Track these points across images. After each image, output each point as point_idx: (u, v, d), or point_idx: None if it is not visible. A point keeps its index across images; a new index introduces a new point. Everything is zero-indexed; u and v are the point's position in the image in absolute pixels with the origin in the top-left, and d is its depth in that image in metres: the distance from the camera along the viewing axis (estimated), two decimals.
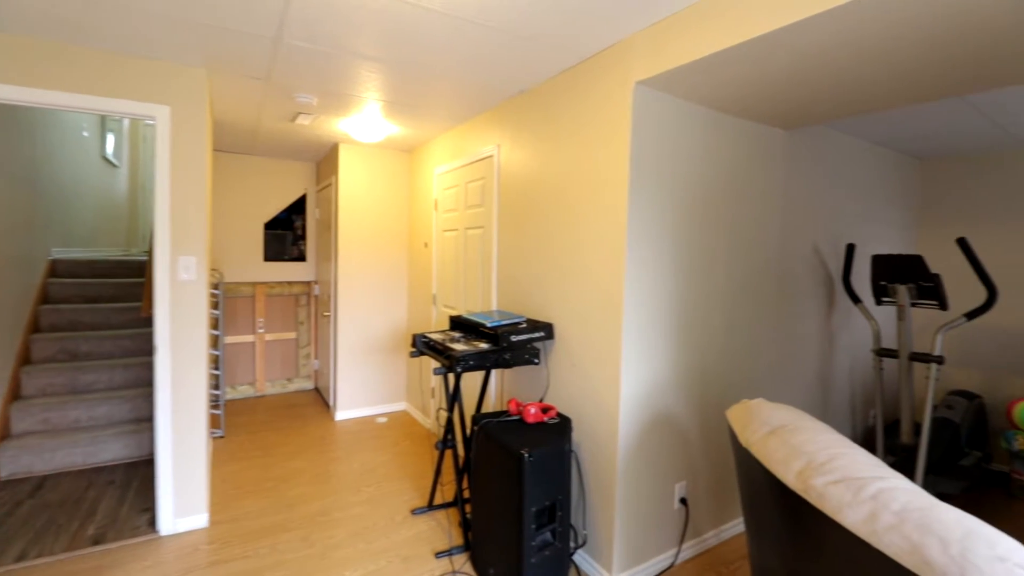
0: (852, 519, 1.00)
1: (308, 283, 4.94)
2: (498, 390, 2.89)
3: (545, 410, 2.18)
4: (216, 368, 3.99)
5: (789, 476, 1.19)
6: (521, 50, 2.16)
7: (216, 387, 3.98)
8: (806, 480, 1.14)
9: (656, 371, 2.16)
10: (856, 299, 3.02)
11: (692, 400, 2.32)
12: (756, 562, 1.45)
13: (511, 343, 2.28)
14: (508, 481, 1.94)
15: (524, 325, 2.37)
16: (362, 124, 3.40)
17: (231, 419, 4.08)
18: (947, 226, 3.70)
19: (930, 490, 2.75)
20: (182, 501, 2.51)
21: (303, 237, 4.88)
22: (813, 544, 1.12)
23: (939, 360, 2.70)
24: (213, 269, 4.41)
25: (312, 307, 4.95)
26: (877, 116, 2.80)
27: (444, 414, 2.85)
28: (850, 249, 3.03)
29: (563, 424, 2.13)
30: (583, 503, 2.23)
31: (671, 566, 2.26)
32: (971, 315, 2.70)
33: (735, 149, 2.42)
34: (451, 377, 2.90)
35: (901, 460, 2.82)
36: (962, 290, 3.61)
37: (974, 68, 1.77)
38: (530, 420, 2.12)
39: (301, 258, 4.87)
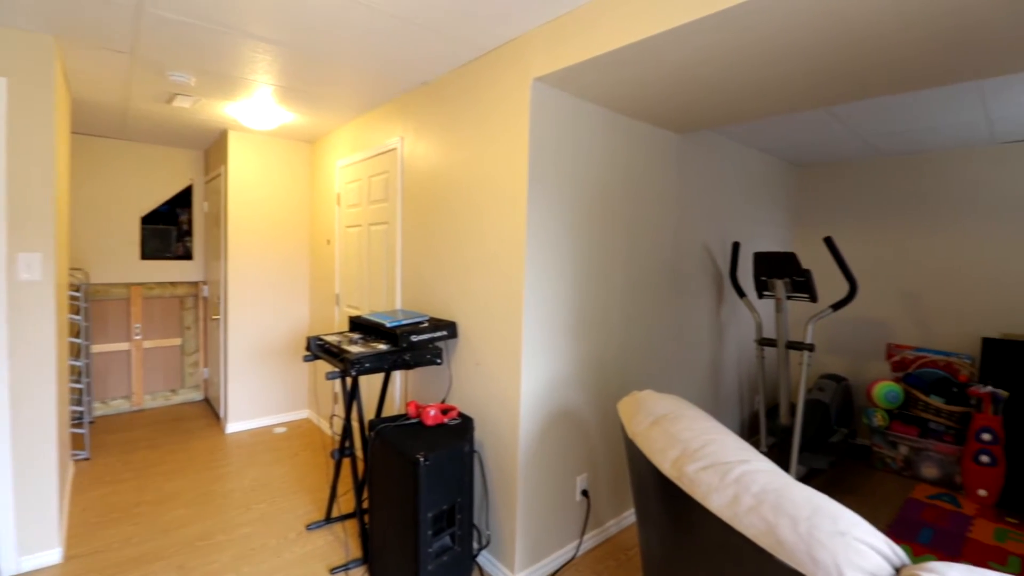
0: (717, 503, 1.04)
1: (195, 283, 4.50)
2: (402, 392, 2.79)
3: (446, 411, 2.12)
4: (79, 381, 3.51)
5: (666, 464, 1.22)
6: (419, 40, 2.08)
7: (79, 403, 3.50)
8: (680, 468, 1.17)
9: (557, 366, 2.18)
10: (741, 293, 3.25)
11: (592, 393, 2.37)
12: (644, 548, 1.49)
13: (412, 343, 2.19)
14: (405, 487, 1.86)
15: (426, 324, 2.30)
16: (253, 110, 3.13)
17: (101, 438, 3.61)
18: (818, 226, 4.11)
19: (804, 466, 3.03)
20: (28, 535, 2.16)
21: (189, 233, 4.44)
22: (687, 529, 1.16)
23: (810, 348, 2.98)
24: (74, 269, 3.88)
25: (201, 310, 4.51)
26: (758, 125, 3.03)
27: (339, 420, 2.68)
28: (736, 247, 3.26)
29: (464, 424, 2.08)
30: (487, 503, 2.20)
31: (573, 558, 2.30)
32: (836, 306, 3.01)
33: (632, 150, 2.50)
34: (349, 381, 2.75)
35: (780, 440, 3.08)
36: (831, 284, 4.03)
37: (842, 80, 1.95)
38: (430, 422, 2.05)
39: (187, 256, 4.43)
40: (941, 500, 2.99)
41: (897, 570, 0.84)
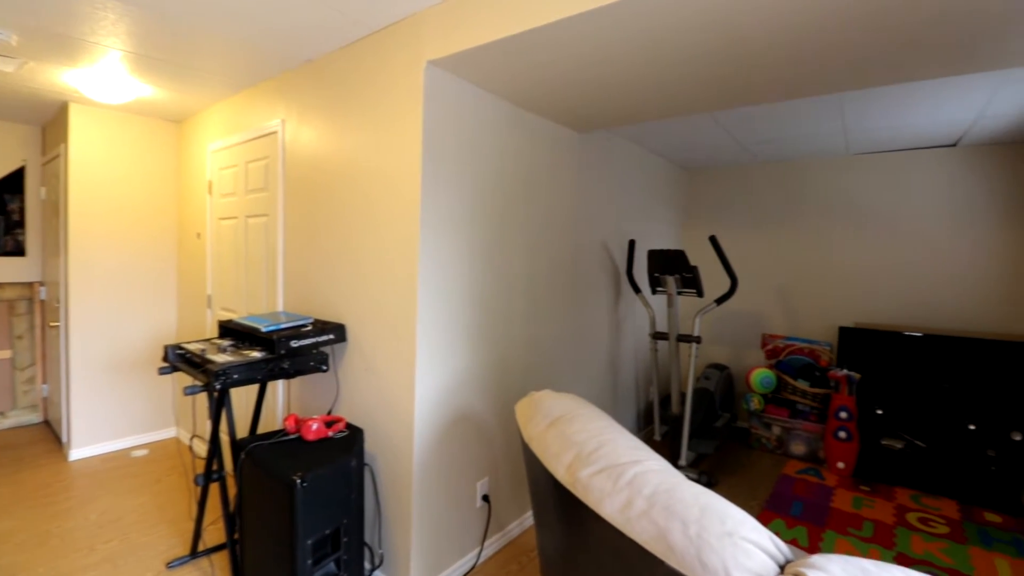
0: (610, 509, 1.00)
1: (30, 284, 3.78)
2: (284, 405, 2.52)
3: (331, 423, 1.92)
4: None
5: (561, 470, 1.16)
6: (300, 6, 1.86)
7: None
8: (574, 473, 1.12)
9: (456, 368, 2.07)
10: (637, 289, 3.37)
11: (494, 394, 2.29)
12: (541, 553, 1.43)
13: (292, 349, 1.96)
14: (280, 513, 1.64)
15: (310, 328, 2.07)
16: (99, 79, 2.66)
17: None
18: (704, 226, 4.39)
19: (694, 451, 3.20)
20: None
21: (21, 224, 3.72)
22: (582, 535, 1.11)
23: (698, 340, 3.14)
24: None
25: (37, 316, 3.80)
26: (653, 130, 3.13)
27: (203, 441, 2.34)
28: (632, 245, 3.36)
29: (352, 437, 1.90)
30: (379, 519, 2.04)
31: (474, 566, 2.21)
32: (720, 300, 3.20)
33: (533, 145, 2.45)
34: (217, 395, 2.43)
35: (672, 428, 3.22)
36: (715, 280, 4.32)
37: (726, 87, 2.03)
38: (311, 437, 1.84)
39: (18, 252, 3.70)
40: (808, 474, 3.31)
41: (782, 567, 0.84)
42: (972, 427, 3.00)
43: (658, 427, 3.39)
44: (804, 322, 3.93)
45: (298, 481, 1.58)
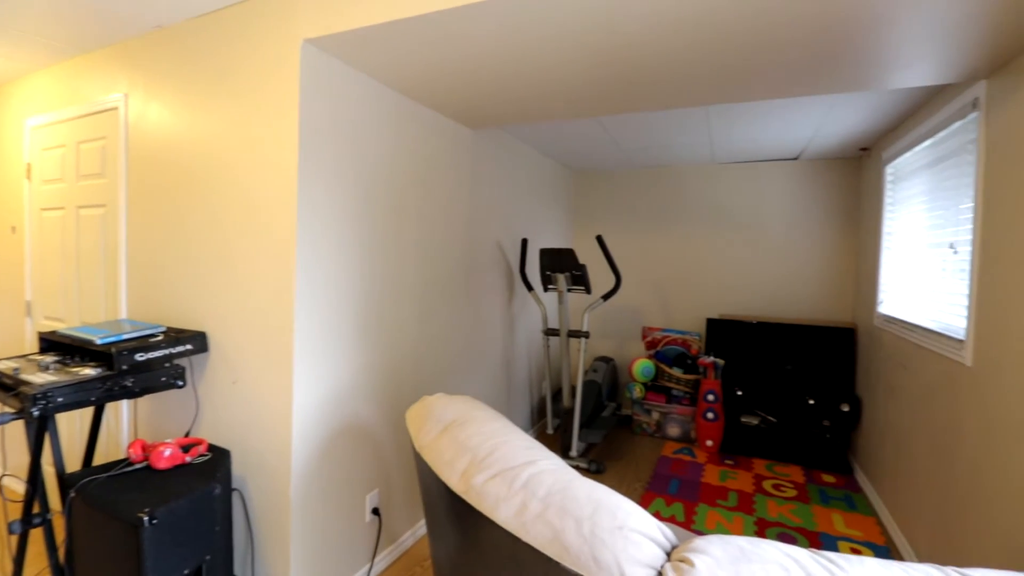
0: (505, 514, 0.96)
1: None
2: (130, 429, 2.16)
3: (188, 447, 1.68)
4: None
5: (454, 478, 1.11)
6: None
7: None
8: (469, 480, 1.07)
9: (340, 375, 1.92)
10: (530, 287, 3.42)
11: (384, 401, 2.17)
12: (435, 564, 1.36)
13: (136, 364, 1.67)
14: (124, 559, 1.39)
15: (161, 338, 1.79)
16: None
17: None
18: (591, 226, 4.60)
19: (584, 441, 3.33)
20: None
21: None
22: (477, 544, 1.07)
23: (586, 335, 3.27)
24: None
25: None
26: (544, 131, 3.19)
27: (20, 480, 1.90)
28: (524, 243, 3.40)
29: (216, 460, 1.67)
30: (252, 548, 1.82)
31: None
32: (606, 297, 3.37)
33: (426, 140, 2.36)
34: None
35: (564, 421, 3.32)
36: (602, 277, 4.55)
37: (612, 91, 2.11)
38: (163, 465, 1.58)
39: None
40: (683, 454, 3.61)
41: (669, 553, 0.86)
42: (811, 402, 3.47)
43: (551, 421, 3.47)
44: (678, 315, 4.28)
45: (145, 519, 1.35)
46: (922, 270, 2.51)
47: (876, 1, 1.35)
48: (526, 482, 1.00)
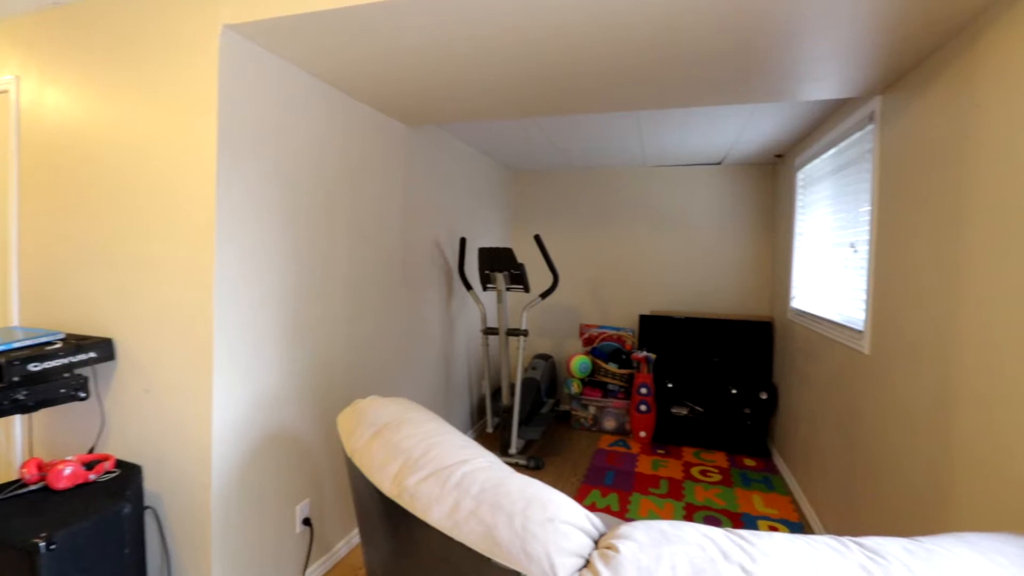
0: (438, 515, 0.96)
1: None
2: (24, 447, 1.94)
3: (92, 464, 1.54)
4: None
5: (387, 482, 1.09)
6: None
7: None
8: (401, 483, 1.05)
9: (266, 379, 1.83)
10: (468, 286, 3.41)
11: (315, 406, 2.09)
12: (369, 570, 1.33)
13: (30, 375, 1.51)
14: None
15: (59, 345, 1.63)
16: None
17: None
18: (530, 225, 4.65)
19: (523, 438, 3.37)
20: None
21: None
22: (411, 548, 1.05)
23: (525, 333, 3.31)
24: None
25: None
26: (482, 130, 3.19)
27: None
28: (463, 242, 3.39)
29: (125, 477, 1.54)
30: (168, 570, 1.70)
31: None
32: (544, 295, 3.42)
33: (358, 135, 2.29)
34: None
35: (503, 419, 3.34)
36: (541, 276, 4.61)
37: (544, 94, 2.14)
38: (63, 485, 1.44)
39: None
40: (618, 446, 3.74)
41: (596, 541, 0.89)
42: (734, 391, 3.70)
43: (490, 420, 3.49)
44: (613, 311, 4.42)
45: (42, 544, 1.22)
46: (828, 267, 2.74)
47: (787, 21, 1.46)
48: (459, 481, 1.00)
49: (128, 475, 1.55)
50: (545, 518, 0.88)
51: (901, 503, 1.77)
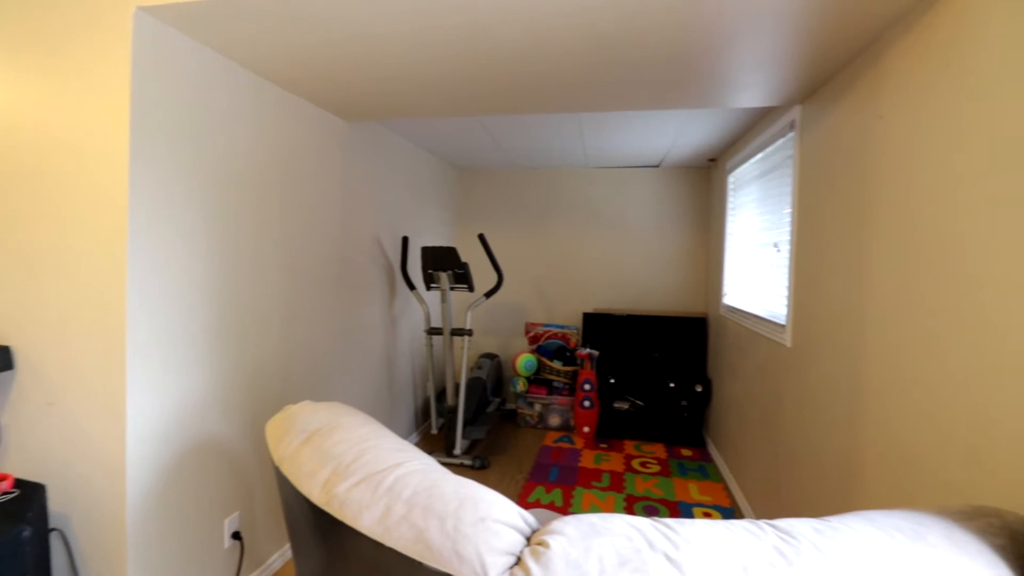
0: (368, 521, 0.93)
1: None
2: None
3: None
4: None
5: (315, 490, 1.05)
6: None
7: None
8: (331, 490, 1.02)
9: (189, 387, 1.72)
10: (411, 286, 3.35)
11: (243, 413, 1.99)
12: None
13: None
14: None
15: None
16: None
17: None
18: (475, 224, 4.64)
19: (468, 438, 3.35)
20: None
21: None
22: (341, 557, 1.02)
23: (470, 332, 3.29)
24: None
25: None
26: (425, 127, 3.13)
27: None
28: (405, 241, 3.33)
29: (25, 498, 1.41)
30: None
31: None
32: (488, 294, 3.42)
33: (292, 130, 2.20)
34: None
35: (448, 419, 3.32)
36: (486, 275, 4.61)
37: (490, 93, 2.13)
38: None
39: None
40: (563, 442, 3.80)
41: (529, 538, 0.90)
42: (672, 385, 3.85)
43: (435, 421, 3.45)
44: (558, 310, 4.49)
45: None
46: (755, 266, 2.91)
47: (714, 33, 1.53)
48: (391, 485, 0.98)
49: (29, 495, 1.41)
50: (477, 518, 0.88)
51: (818, 485, 1.90)
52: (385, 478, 1.00)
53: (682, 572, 0.77)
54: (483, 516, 0.88)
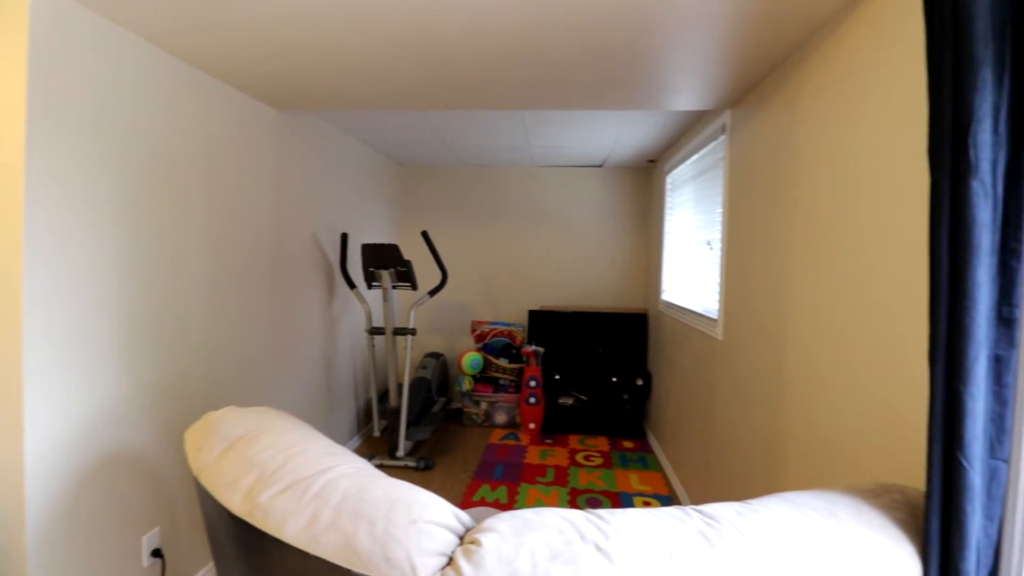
0: (294, 530, 0.89)
1: None
2: None
3: None
4: None
5: (236, 500, 0.99)
6: None
7: None
8: (253, 499, 0.96)
9: (100, 395, 1.58)
10: (352, 284, 3.25)
11: (163, 422, 1.85)
12: None
13: None
14: None
15: None
16: None
17: None
18: (419, 221, 4.56)
19: (411, 440, 3.29)
20: None
21: None
22: (265, 570, 0.97)
23: (413, 332, 3.24)
24: None
25: None
26: (365, 120, 3.03)
27: None
28: (344, 238, 3.22)
29: None
30: None
31: None
32: (432, 292, 3.37)
33: (217, 118, 2.07)
34: None
35: (391, 421, 3.24)
36: (431, 273, 4.54)
37: (430, 86, 2.08)
38: None
39: None
40: (509, 439, 3.81)
41: (462, 537, 0.88)
42: (614, 379, 3.95)
43: (377, 423, 3.37)
44: (504, 308, 4.50)
45: None
46: (691, 263, 3.03)
47: (646, 37, 1.57)
48: (319, 492, 0.93)
49: None
50: (408, 520, 0.85)
51: (746, 470, 2.00)
52: (313, 484, 0.96)
53: (611, 561, 0.79)
54: (415, 518, 0.86)
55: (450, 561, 0.82)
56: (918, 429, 1.04)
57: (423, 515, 0.87)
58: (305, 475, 0.99)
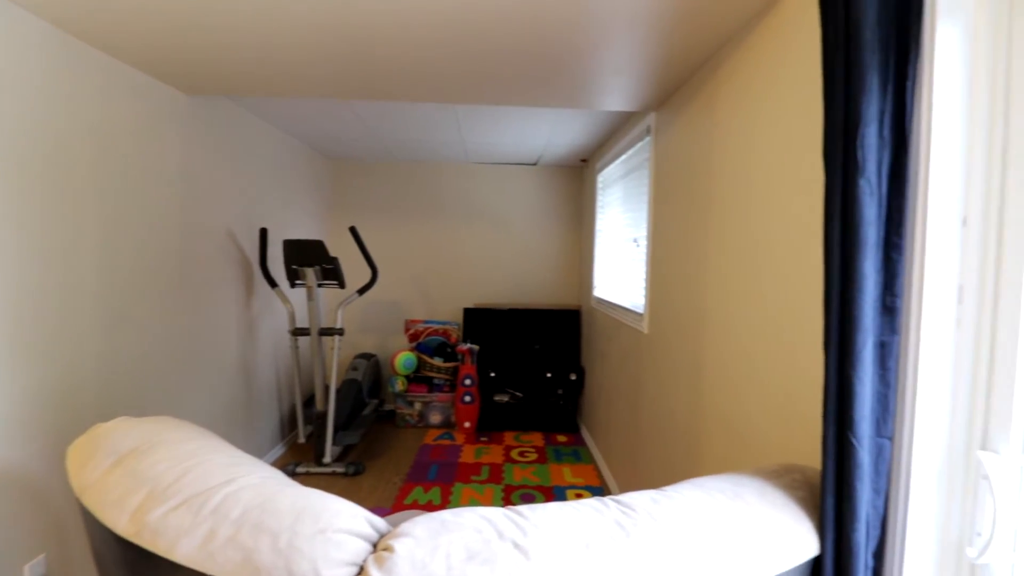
0: (187, 549, 0.81)
1: None
2: None
3: None
4: None
5: (123, 520, 0.89)
6: None
7: None
8: (141, 518, 0.87)
9: None
10: (273, 283, 3.07)
11: (51, 437, 1.66)
12: None
13: None
14: None
15: None
16: None
17: None
18: (349, 217, 4.38)
19: (339, 444, 3.16)
20: None
21: None
22: None
23: (340, 332, 3.11)
24: None
25: None
26: (287, 109, 2.86)
27: None
28: (263, 234, 3.03)
29: None
30: None
31: None
32: (361, 291, 3.25)
33: (118, 102, 1.88)
34: None
35: (318, 426, 3.10)
36: (361, 271, 4.39)
37: (351, 74, 1.99)
38: None
39: None
40: (444, 439, 3.75)
41: (376, 544, 0.84)
42: (549, 375, 4.00)
43: (302, 429, 3.21)
44: (438, 306, 4.43)
45: None
46: (620, 260, 3.11)
47: (571, 36, 1.58)
48: (218, 506, 0.86)
49: None
50: (316, 530, 0.80)
51: (669, 457, 2.08)
52: (211, 498, 0.88)
53: (528, 558, 0.78)
54: (323, 528, 0.81)
55: (361, 570, 0.78)
56: (817, 413, 1.12)
57: (332, 523, 0.82)
58: (203, 489, 0.90)
